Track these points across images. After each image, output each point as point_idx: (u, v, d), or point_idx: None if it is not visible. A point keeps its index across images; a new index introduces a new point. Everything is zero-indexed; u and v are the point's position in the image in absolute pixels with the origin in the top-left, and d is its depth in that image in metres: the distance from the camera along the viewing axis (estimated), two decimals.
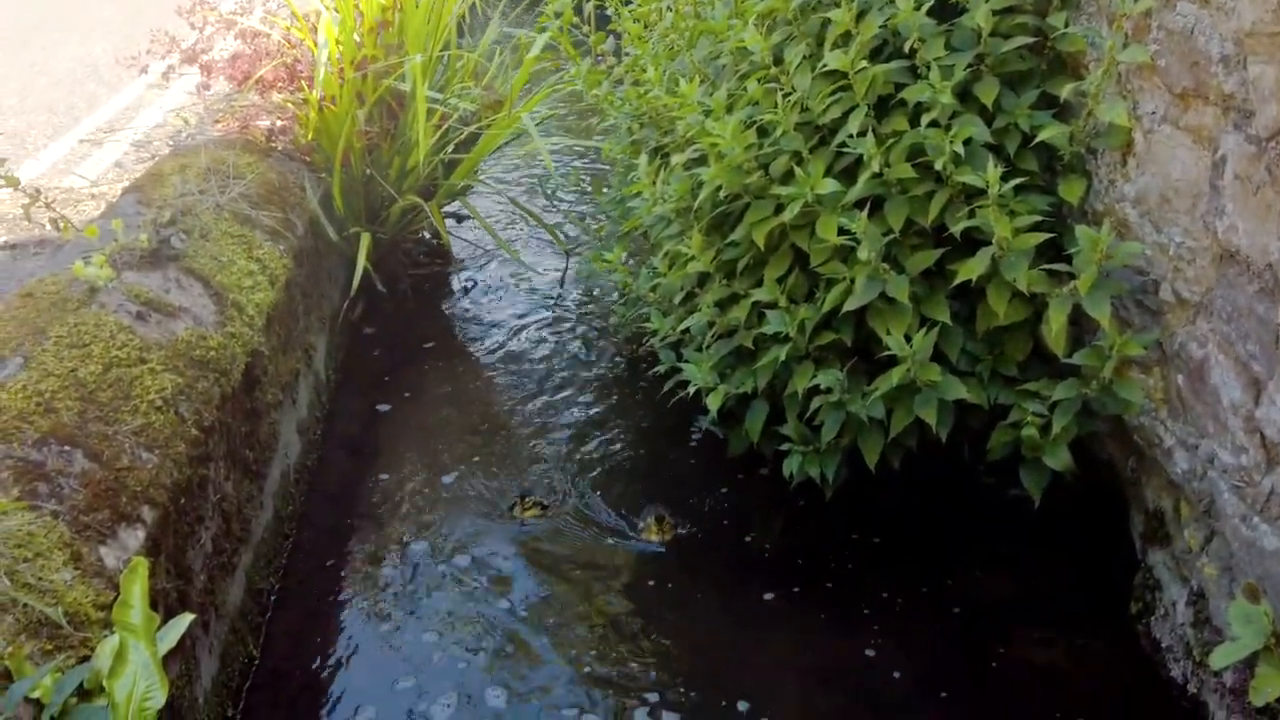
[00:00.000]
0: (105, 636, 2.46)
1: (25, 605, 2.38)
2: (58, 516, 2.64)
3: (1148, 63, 2.91)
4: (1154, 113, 2.94)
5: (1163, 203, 2.93)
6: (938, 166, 3.28)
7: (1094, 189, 3.26)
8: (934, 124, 3.33)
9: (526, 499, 4.11)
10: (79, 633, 2.44)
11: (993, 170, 3.10)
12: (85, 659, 2.39)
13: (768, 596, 3.64)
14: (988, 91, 3.35)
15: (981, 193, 3.20)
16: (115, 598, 2.49)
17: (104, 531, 2.72)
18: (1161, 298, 2.99)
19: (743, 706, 3.22)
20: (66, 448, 2.84)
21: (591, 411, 4.77)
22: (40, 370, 3.04)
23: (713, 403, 3.81)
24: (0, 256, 5.09)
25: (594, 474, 4.31)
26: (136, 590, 2.46)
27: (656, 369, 4.23)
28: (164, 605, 2.80)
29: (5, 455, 2.73)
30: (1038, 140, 3.27)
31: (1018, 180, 3.21)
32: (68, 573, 2.53)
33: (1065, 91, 3.23)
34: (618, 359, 5.19)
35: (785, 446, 3.72)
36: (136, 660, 2.39)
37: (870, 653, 3.40)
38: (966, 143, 3.28)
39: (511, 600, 3.67)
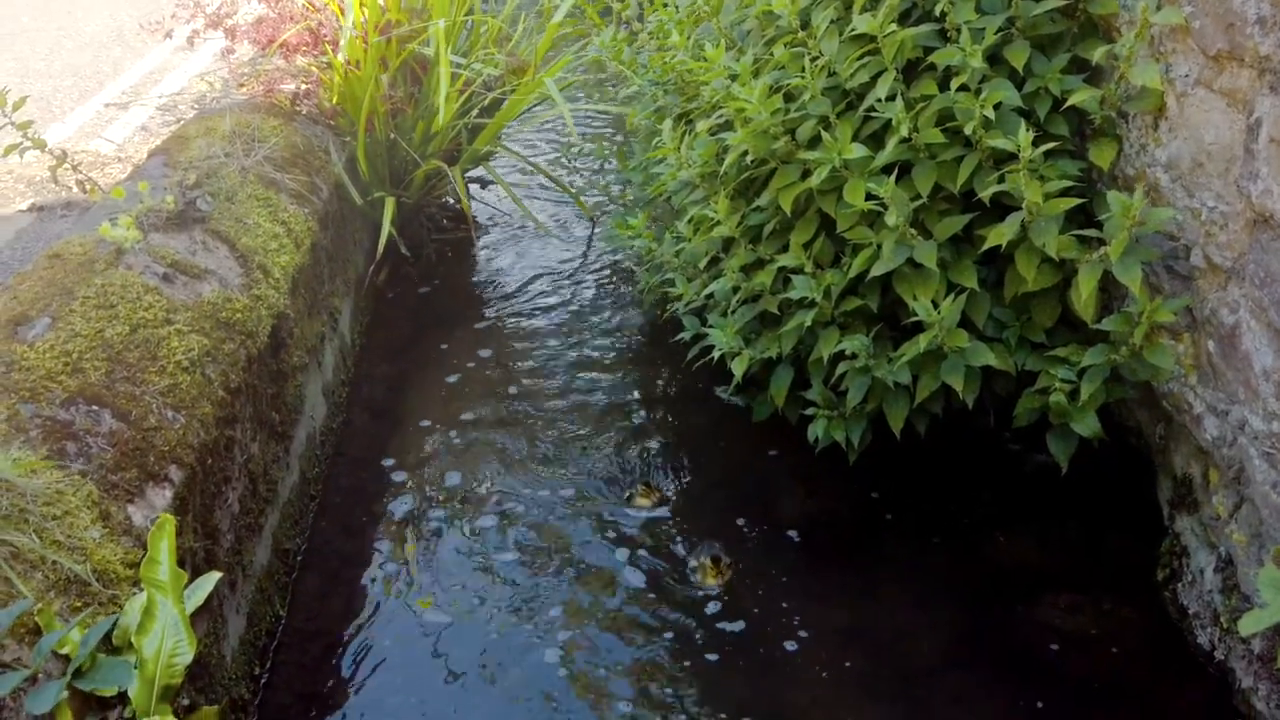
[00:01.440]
0: (134, 594, 2.48)
1: (54, 562, 2.40)
2: (86, 475, 2.65)
3: (1182, 24, 2.87)
4: (1187, 75, 2.91)
5: (1195, 167, 2.90)
6: (967, 131, 3.26)
7: (1125, 154, 3.22)
8: (964, 88, 3.30)
9: (647, 484, 4.01)
10: (107, 590, 2.46)
11: (1023, 135, 3.07)
12: (113, 615, 2.40)
13: (791, 559, 3.64)
14: (1018, 55, 3.32)
15: (1011, 157, 3.17)
16: (143, 556, 2.51)
17: (132, 490, 2.73)
18: (1193, 263, 2.96)
19: (766, 669, 3.23)
20: (94, 407, 2.86)
21: (614, 377, 4.76)
22: (68, 330, 3.05)
23: (737, 368, 3.80)
24: (28, 218, 5.10)
25: (615, 439, 4.31)
26: (164, 547, 2.48)
27: (680, 335, 4.22)
28: (191, 564, 2.82)
29: (34, 414, 2.75)
30: (1068, 104, 3.23)
31: (1048, 145, 3.18)
32: (96, 531, 2.55)
33: (1097, 55, 3.19)
34: (641, 325, 5.18)
35: (810, 411, 3.71)
36: (164, 617, 2.41)
37: (895, 617, 3.40)
38: (996, 107, 3.25)
39: (532, 561, 3.69)
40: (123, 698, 2.32)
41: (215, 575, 2.69)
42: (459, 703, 3.17)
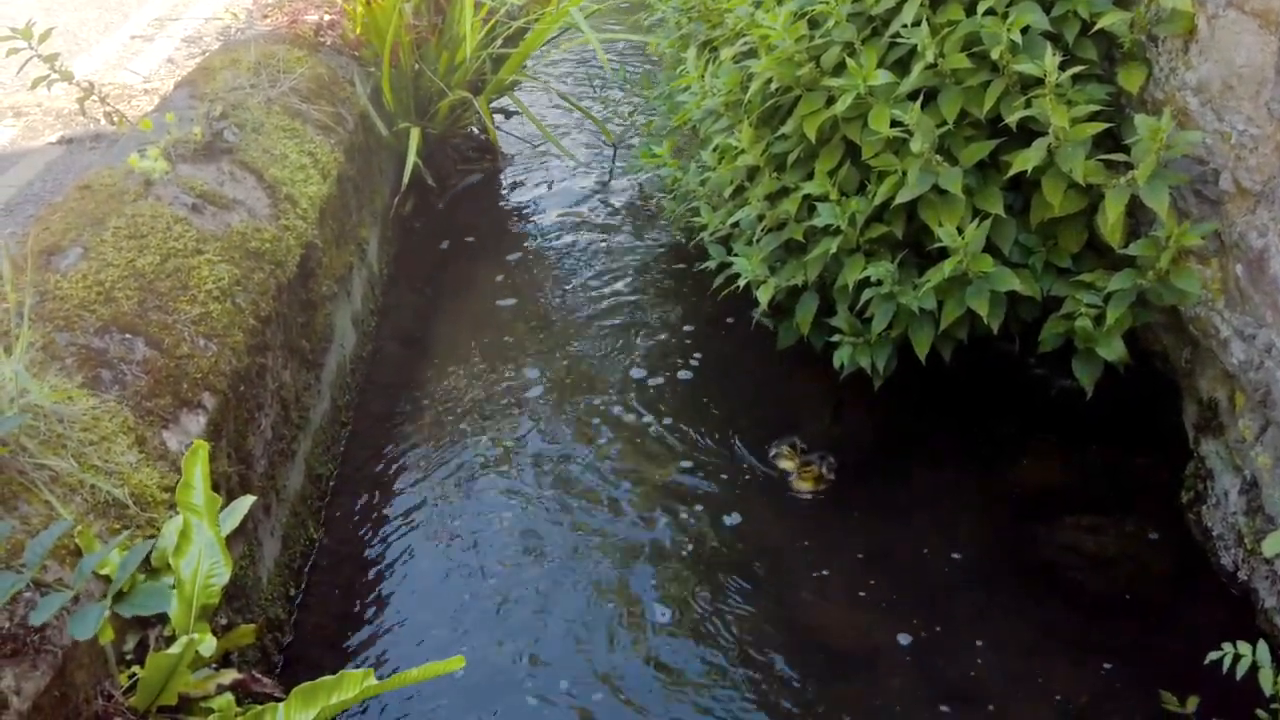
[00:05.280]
0: (170, 517, 2.53)
1: (93, 486, 2.45)
2: (121, 402, 2.70)
3: None
4: None
5: (1225, 90, 2.87)
6: (994, 56, 3.23)
7: (1154, 77, 3.19)
8: (990, 12, 3.27)
9: (792, 448, 3.85)
10: (145, 513, 2.51)
11: (1050, 59, 3.05)
12: (151, 538, 2.46)
13: (820, 483, 3.68)
14: None
15: (1038, 82, 3.15)
16: (179, 480, 2.56)
17: (166, 417, 2.78)
18: (1221, 187, 2.94)
19: (792, 590, 3.27)
20: (128, 336, 2.90)
21: (641, 305, 4.78)
22: (100, 260, 3.08)
23: (763, 295, 3.81)
24: (57, 151, 5.13)
25: (643, 366, 4.34)
26: (198, 472, 2.53)
27: (705, 264, 4.23)
28: (226, 489, 2.87)
29: (69, 343, 2.79)
30: (1097, 28, 3.21)
31: (1076, 69, 3.15)
32: (132, 456, 2.60)
33: None
34: (666, 253, 5.19)
35: (835, 338, 3.73)
36: (200, 539, 2.46)
37: (918, 539, 3.44)
38: (1024, 31, 3.23)
39: (558, 484, 3.74)
40: (162, 616, 2.38)
41: (249, 499, 2.73)
42: (489, 621, 3.23)
